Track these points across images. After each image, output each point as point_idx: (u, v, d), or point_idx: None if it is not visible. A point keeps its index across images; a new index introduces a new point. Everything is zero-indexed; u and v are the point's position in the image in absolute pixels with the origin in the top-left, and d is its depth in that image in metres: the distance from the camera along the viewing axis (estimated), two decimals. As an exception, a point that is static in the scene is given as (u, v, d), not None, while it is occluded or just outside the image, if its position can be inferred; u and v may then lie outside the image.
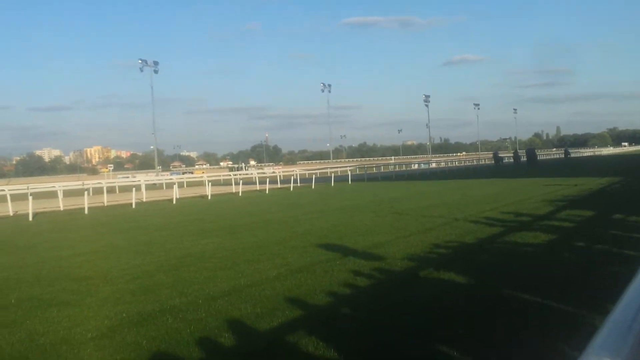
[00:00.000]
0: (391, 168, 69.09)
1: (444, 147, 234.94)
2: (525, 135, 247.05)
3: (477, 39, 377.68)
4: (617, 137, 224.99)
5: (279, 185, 43.25)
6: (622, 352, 1.37)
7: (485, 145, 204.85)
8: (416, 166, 78.92)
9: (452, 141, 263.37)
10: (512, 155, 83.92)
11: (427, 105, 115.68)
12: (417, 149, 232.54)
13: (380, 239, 12.70)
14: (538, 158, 78.77)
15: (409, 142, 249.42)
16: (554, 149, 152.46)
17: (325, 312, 7.10)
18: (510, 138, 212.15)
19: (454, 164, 78.47)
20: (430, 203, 21.85)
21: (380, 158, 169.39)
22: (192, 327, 6.57)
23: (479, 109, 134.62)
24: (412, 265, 9.55)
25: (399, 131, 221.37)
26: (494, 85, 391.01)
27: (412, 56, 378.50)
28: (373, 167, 70.32)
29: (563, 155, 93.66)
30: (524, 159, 74.36)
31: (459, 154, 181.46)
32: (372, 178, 44.88)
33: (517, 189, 27.36)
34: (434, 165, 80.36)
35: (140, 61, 79.29)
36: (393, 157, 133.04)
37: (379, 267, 9.45)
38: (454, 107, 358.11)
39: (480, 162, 77.85)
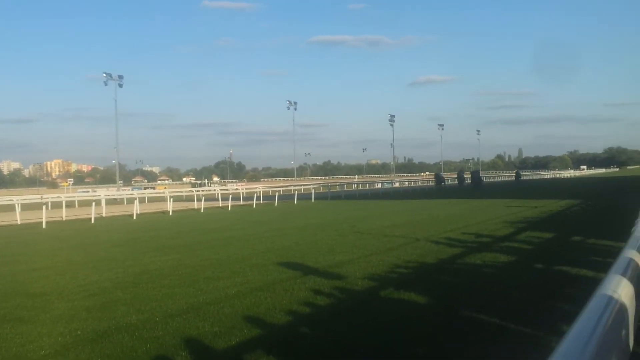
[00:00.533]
0: (355, 187, 69.18)
1: (408, 167, 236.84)
2: (488, 156, 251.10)
3: (443, 59, 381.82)
4: (577, 160, 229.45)
5: (241, 202, 43.07)
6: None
7: (449, 165, 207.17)
8: (380, 185, 79.17)
9: (416, 161, 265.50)
10: (459, 176, 75.90)
11: (392, 125, 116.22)
12: (381, 168, 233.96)
13: (342, 258, 12.70)
14: (484, 181, 78.65)
15: (373, 161, 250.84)
16: (502, 172, 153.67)
17: (284, 331, 7.05)
18: (473, 159, 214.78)
19: (417, 184, 78.87)
20: (393, 222, 21.95)
21: (344, 176, 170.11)
22: (148, 345, 6.47)
23: (443, 129, 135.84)
24: (372, 285, 9.56)
25: (364, 150, 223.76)
26: (460, 106, 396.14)
27: (379, 75, 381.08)
28: (337, 185, 70.32)
29: (514, 178, 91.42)
30: (468, 181, 70.97)
31: (422, 173, 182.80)
32: (336, 196, 44.97)
33: (479, 210, 27.66)
34: (397, 184, 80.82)
35: (104, 74, 78.33)
36: (357, 176, 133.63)
37: (340, 286, 9.44)
38: (419, 127, 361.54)
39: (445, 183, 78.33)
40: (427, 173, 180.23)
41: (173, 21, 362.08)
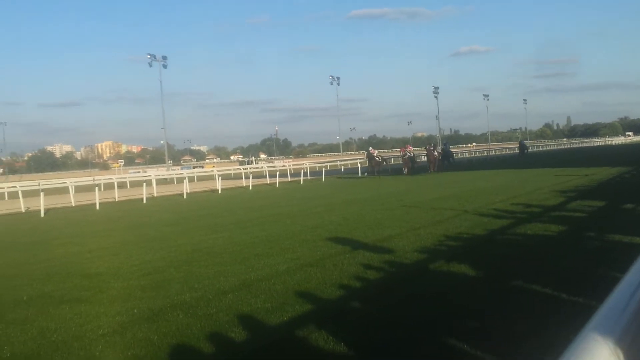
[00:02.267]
0: (401, 160, 68.72)
1: (454, 138, 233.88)
2: (536, 125, 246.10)
3: (485, 29, 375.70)
4: (628, 127, 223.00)
5: (289, 179, 43.28)
6: (615, 332, 1.38)
7: (495, 136, 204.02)
8: (426, 158, 78.38)
9: (462, 132, 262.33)
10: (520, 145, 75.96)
11: (436, 97, 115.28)
12: (427, 141, 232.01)
13: (390, 232, 12.70)
14: (529, 149, 77.43)
15: (419, 134, 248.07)
16: (550, 141, 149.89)
17: (335, 306, 7.10)
18: (520, 129, 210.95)
19: (464, 155, 78.02)
20: (440, 195, 21.81)
21: (390, 150, 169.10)
22: (202, 322, 6.59)
23: (488, 99, 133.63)
24: (422, 258, 9.55)
25: (409, 123, 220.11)
26: (503, 75, 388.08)
27: (420, 47, 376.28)
28: (419, 155, 70.01)
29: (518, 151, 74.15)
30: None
31: (469, 145, 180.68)
32: (382, 170, 44.76)
33: (528, 180, 27.27)
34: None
35: (148, 56, 79.30)
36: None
37: (389, 260, 9.45)
38: (463, 98, 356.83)
39: (490, 153, 77.30)
40: (473, 144, 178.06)
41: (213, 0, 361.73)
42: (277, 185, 37.85)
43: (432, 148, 45.20)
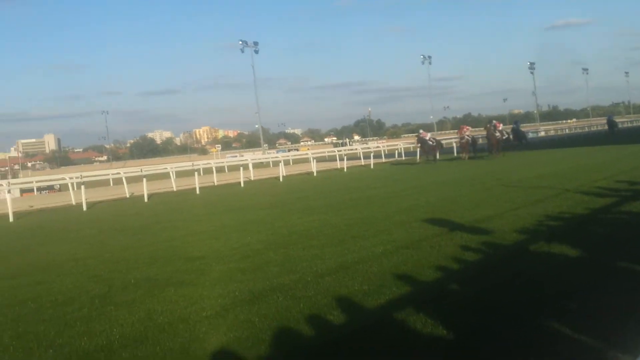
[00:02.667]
0: (458, 143, 67.16)
1: (552, 115, 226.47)
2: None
3: (581, 1, 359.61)
4: None
5: (383, 160, 43.16)
6: None
7: (597, 110, 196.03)
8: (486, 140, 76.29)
9: (561, 108, 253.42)
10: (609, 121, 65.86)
11: (532, 72, 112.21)
12: (524, 118, 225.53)
13: (488, 212, 12.48)
14: (619, 126, 71.73)
15: (516, 111, 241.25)
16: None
17: (433, 288, 7.06)
18: (623, 102, 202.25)
19: (563, 132, 75.51)
20: (539, 173, 21.23)
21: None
22: (301, 304, 6.69)
23: (587, 73, 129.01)
24: (521, 239, 9.35)
25: (504, 100, 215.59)
26: (602, 48, 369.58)
27: (513, 22, 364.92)
28: (479, 137, 68.61)
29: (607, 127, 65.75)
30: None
31: (568, 120, 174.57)
32: (478, 149, 43.89)
33: (630, 156, 26.18)
34: (542, 133, 77.70)
35: (240, 42, 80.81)
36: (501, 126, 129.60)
37: (488, 241, 9.30)
38: (561, 72, 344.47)
39: (592, 129, 74.43)
40: (574, 120, 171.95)
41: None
42: (372, 167, 37.84)
43: (492, 128, 38.32)
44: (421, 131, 41.54)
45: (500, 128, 39.76)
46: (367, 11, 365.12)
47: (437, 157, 39.07)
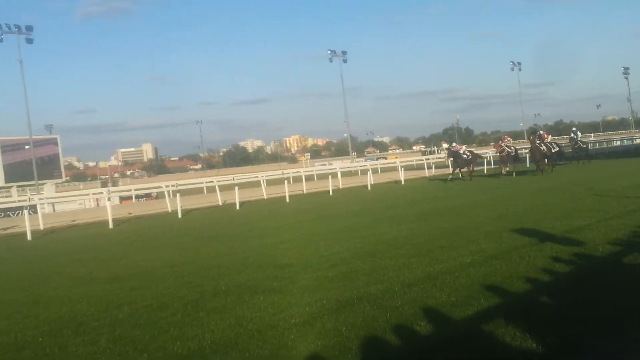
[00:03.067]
0: (590, 146, 65.08)
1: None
2: None
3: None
4: None
5: (471, 168, 42.51)
6: None
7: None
8: (618, 142, 73.75)
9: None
10: None
11: (626, 78, 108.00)
12: (619, 125, 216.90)
13: (579, 222, 12.15)
14: None
15: (609, 118, 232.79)
16: None
17: (523, 300, 6.96)
18: None
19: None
20: (635, 182, 20.42)
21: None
22: (388, 314, 6.72)
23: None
24: (615, 251, 9.07)
25: (598, 106, 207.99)
26: None
27: (605, 26, 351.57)
28: (522, 150, 66.51)
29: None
30: None
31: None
32: (570, 157, 42.56)
33: None
34: (638, 141, 74.60)
35: (329, 52, 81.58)
36: (592, 134, 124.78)
37: (579, 253, 9.07)
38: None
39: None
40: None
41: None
42: (460, 175, 37.37)
43: (538, 141, 33.35)
44: (454, 144, 37.53)
45: (548, 139, 35.72)
46: (456, 17, 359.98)
47: (473, 172, 35.03)
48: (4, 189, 64.96)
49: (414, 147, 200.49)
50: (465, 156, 34.37)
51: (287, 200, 28.86)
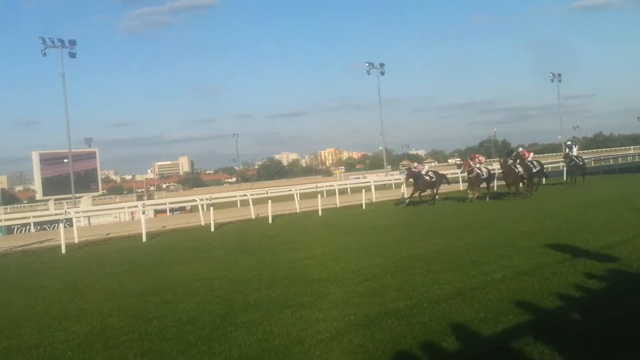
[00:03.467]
0: (630, 159, 64.02)
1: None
2: None
3: None
4: None
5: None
6: None
7: None
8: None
9: None
10: None
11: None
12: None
13: (615, 238, 11.96)
14: None
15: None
16: None
17: (553, 317, 6.86)
18: None
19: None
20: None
21: (618, 148, 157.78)
22: (415, 330, 6.68)
23: None
24: (651, 268, 8.90)
25: (639, 118, 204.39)
26: None
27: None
28: (610, 158, 65.58)
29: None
30: None
31: None
32: (609, 170, 41.90)
33: None
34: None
35: (367, 64, 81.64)
36: (632, 147, 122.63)
37: (613, 269, 8.93)
38: None
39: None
40: None
41: (424, 4, 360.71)
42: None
43: (510, 161, 28.65)
44: (416, 164, 34.75)
45: (529, 158, 31.48)
46: (495, 28, 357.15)
47: (436, 195, 30.81)
48: (41, 202, 66.32)
49: (449, 160, 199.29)
50: (427, 178, 30.07)
51: (320, 213, 28.85)
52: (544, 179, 34.01)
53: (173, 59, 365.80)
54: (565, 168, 36.72)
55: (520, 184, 28.73)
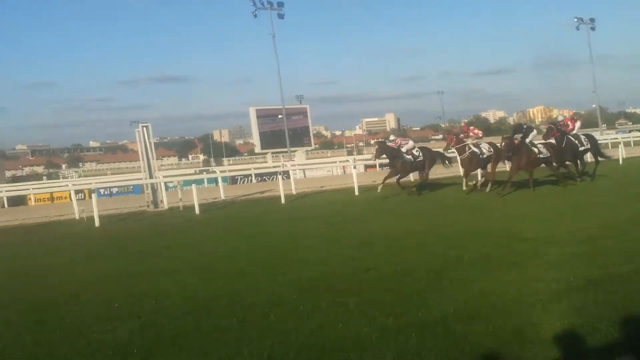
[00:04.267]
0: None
1: None
2: None
3: None
4: None
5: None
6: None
7: None
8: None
9: None
10: None
11: None
12: None
13: None
14: None
15: None
16: None
17: None
18: None
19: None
20: None
21: None
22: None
23: None
24: None
25: None
26: None
27: None
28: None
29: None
30: None
31: None
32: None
33: None
34: None
35: (576, 19, 77.02)
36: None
37: None
38: None
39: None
40: None
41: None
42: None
43: (520, 137, 19.33)
44: (392, 137, 23.85)
45: (575, 129, 22.19)
46: None
47: (426, 178, 22.59)
48: (260, 155, 70.40)
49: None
50: (410, 157, 21.87)
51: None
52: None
53: (375, 22, 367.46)
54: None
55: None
